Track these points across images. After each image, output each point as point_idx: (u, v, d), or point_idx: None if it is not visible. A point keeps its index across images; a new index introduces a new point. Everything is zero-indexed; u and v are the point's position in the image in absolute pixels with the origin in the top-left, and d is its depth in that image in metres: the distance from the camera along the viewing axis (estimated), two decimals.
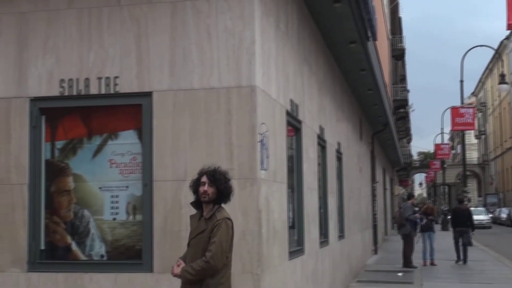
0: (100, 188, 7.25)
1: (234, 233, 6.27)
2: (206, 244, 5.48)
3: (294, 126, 9.31)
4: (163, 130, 7.03)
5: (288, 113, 8.68)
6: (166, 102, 7.04)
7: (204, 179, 5.59)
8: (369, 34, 12.56)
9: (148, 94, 7.10)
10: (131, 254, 7.10)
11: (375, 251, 24.95)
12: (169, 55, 7.08)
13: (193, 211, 5.75)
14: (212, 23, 7.01)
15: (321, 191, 11.80)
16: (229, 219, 5.59)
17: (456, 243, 21.38)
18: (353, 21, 11.04)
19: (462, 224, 21.40)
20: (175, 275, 5.56)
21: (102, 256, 7.17)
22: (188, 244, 5.72)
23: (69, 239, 7.28)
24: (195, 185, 5.66)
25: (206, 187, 5.54)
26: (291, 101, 8.92)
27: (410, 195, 23.44)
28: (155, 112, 7.06)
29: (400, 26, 61.10)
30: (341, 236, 14.58)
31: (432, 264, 20.27)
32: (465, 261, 20.76)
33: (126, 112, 7.27)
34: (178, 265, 5.58)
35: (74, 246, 7.26)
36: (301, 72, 9.85)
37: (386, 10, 41.62)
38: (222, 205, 5.67)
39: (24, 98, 7.35)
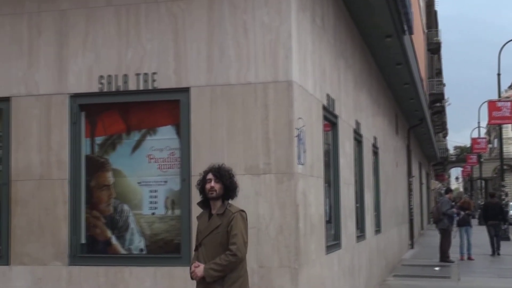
0: (139, 183, 7.29)
1: (272, 228, 6.27)
2: (223, 238, 5.54)
3: (330, 120, 9.27)
4: (201, 126, 7.05)
5: (324, 108, 8.64)
6: (203, 98, 7.05)
7: (210, 176, 5.68)
8: (405, 28, 12.43)
9: (186, 90, 7.12)
10: (170, 248, 7.14)
11: (412, 246, 24.76)
12: (206, 50, 7.09)
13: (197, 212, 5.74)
14: (248, 18, 7.00)
15: (357, 185, 11.74)
16: (242, 211, 5.69)
17: (491, 237, 21.55)
18: (389, 14, 10.95)
19: (493, 218, 21.88)
20: (199, 277, 5.53)
21: (141, 250, 7.22)
22: (200, 244, 5.71)
23: (109, 233, 7.34)
24: (202, 184, 5.74)
25: (213, 183, 5.62)
26: (328, 96, 8.88)
27: (448, 190, 23.21)
28: (193, 107, 7.07)
29: (436, 19, 60.46)
30: (377, 230, 14.49)
31: (469, 258, 20.08)
32: (497, 252, 20.91)
33: (164, 107, 7.29)
34: (196, 267, 5.57)
35: (114, 240, 7.32)
36: (337, 67, 9.80)
37: (422, 4, 41.21)
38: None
39: (64, 95, 7.43)
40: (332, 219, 9.40)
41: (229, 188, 5.68)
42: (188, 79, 7.12)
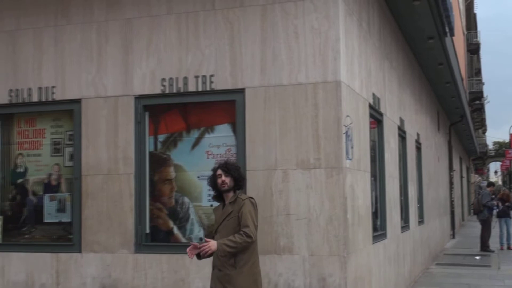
0: (198, 177, 7.33)
1: (322, 219, 6.23)
2: (235, 223, 5.72)
3: (376, 118, 9.19)
4: (255, 124, 7.05)
5: (370, 106, 8.57)
6: (257, 98, 7.05)
7: (219, 172, 5.89)
8: (447, 30, 12.24)
9: (241, 91, 7.13)
10: None
11: (453, 236, 24.41)
12: (260, 54, 7.08)
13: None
14: (299, 23, 6.98)
15: (401, 179, 11.61)
16: (252, 198, 5.89)
17: None
18: (432, 18, 10.80)
19: None
20: (212, 251, 5.59)
21: (201, 239, 7.24)
22: (216, 232, 5.89)
23: (171, 223, 7.40)
24: (213, 180, 5.93)
25: (223, 178, 5.83)
26: (373, 95, 8.80)
27: (490, 184, 22.84)
28: (248, 107, 7.08)
29: (475, 21, 59.35)
30: (420, 221, 14.32)
31: (509, 248, 19.74)
32: None
33: (221, 107, 7.31)
34: (208, 241, 5.64)
35: (175, 230, 7.38)
36: (382, 68, 9.70)
37: (461, 7, 40.49)
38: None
39: (129, 96, 7.51)
40: (378, 210, 9.32)
41: (238, 179, 5.90)
42: (243, 81, 7.13)
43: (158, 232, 7.43)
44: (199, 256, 5.76)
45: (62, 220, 7.82)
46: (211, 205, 7.22)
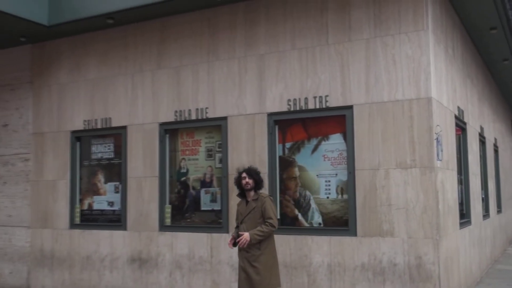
0: (317, 175, 7.27)
1: (418, 209, 5.99)
2: (258, 215, 5.89)
3: (460, 126, 8.72)
4: (361, 133, 6.90)
5: (456, 117, 8.15)
6: (363, 113, 6.90)
7: (244, 175, 6.01)
8: None
9: (350, 107, 7.00)
10: (340, 223, 7.04)
11: None
12: (365, 77, 6.93)
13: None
14: (396, 52, 6.76)
15: (482, 176, 10.96)
16: (271, 196, 6.13)
17: None
18: (507, 43, 10.13)
19: None
20: (248, 241, 5.71)
21: (319, 224, 7.19)
22: (241, 222, 5.97)
23: (296, 211, 7.38)
24: (238, 181, 6.02)
25: (247, 180, 5.97)
26: (458, 108, 8.36)
27: None
28: (355, 120, 6.94)
29: None
30: (499, 211, 13.43)
31: None
32: None
33: (334, 120, 7.21)
34: (242, 234, 5.78)
35: (299, 217, 7.35)
36: (465, 85, 9.20)
37: None
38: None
39: (263, 114, 7.57)
40: (464, 202, 8.83)
41: (258, 182, 6.00)
42: (351, 99, 6.99)
43: (286, 218, 7.43)
44: (235, 244, 5.97)
45: (214, 208, 7.96)
46: (327, 197, 7.16)
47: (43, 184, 9.38)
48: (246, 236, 5.74)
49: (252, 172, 5.99)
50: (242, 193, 6.09)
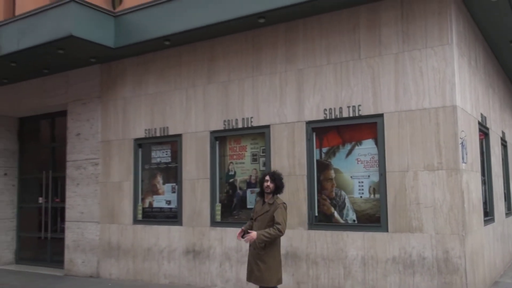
0: (351, 177, 7.21)
1: (444, 207, 5.84)
2: (269, 218, 5.64)
3: (483, 131, 8.48)
4: (391, 138, 6.81)
5: (479, 123, 7.93)
6: (393, 120, 6.82)
7: (267, 178, 5.77)
8: None
9: (381, 115, 6.93)
10: (373, 220, 6.97)
11: None
12: (394, 88, 6.85)
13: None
14: (423, 65, 6.65)
15: (504, 177, 10.60)
16: (284, 203, 5.73)
17: None
18: None
19: None
20: (253, 239, 5.55)
21: (354, 220, 7.13)
22: (254, 219, 5.81)
23: (332, 209, 7.33)
24: (261, 182, 5.79)
25: (268, 183, 5.73)
26: (481, 114, 8.14)
27: None
28: (386, 126, 6.86)
29: None
30: None
31: None
32: None
33: (366, 127, 7.15)
34: (250, 233, 5.62)
35: (335, 214, 7.30)
36: (487, 94, 8.95)
37: None
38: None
39: (302, 122, 7.57)
40: (487, 201, 8.57)
41: (279, 187, 5.75)
42: (382, 108, 6.92)
43: (323, 215, 7.40)
44: (243, 236, 5.84)
45: None
46: (361, 197, 7.09)
47: (110, 185, 9.64)
48: (253, 234, 5.60)
49: (276, 177, 5.78)
50: (262, 193, 5.90)
